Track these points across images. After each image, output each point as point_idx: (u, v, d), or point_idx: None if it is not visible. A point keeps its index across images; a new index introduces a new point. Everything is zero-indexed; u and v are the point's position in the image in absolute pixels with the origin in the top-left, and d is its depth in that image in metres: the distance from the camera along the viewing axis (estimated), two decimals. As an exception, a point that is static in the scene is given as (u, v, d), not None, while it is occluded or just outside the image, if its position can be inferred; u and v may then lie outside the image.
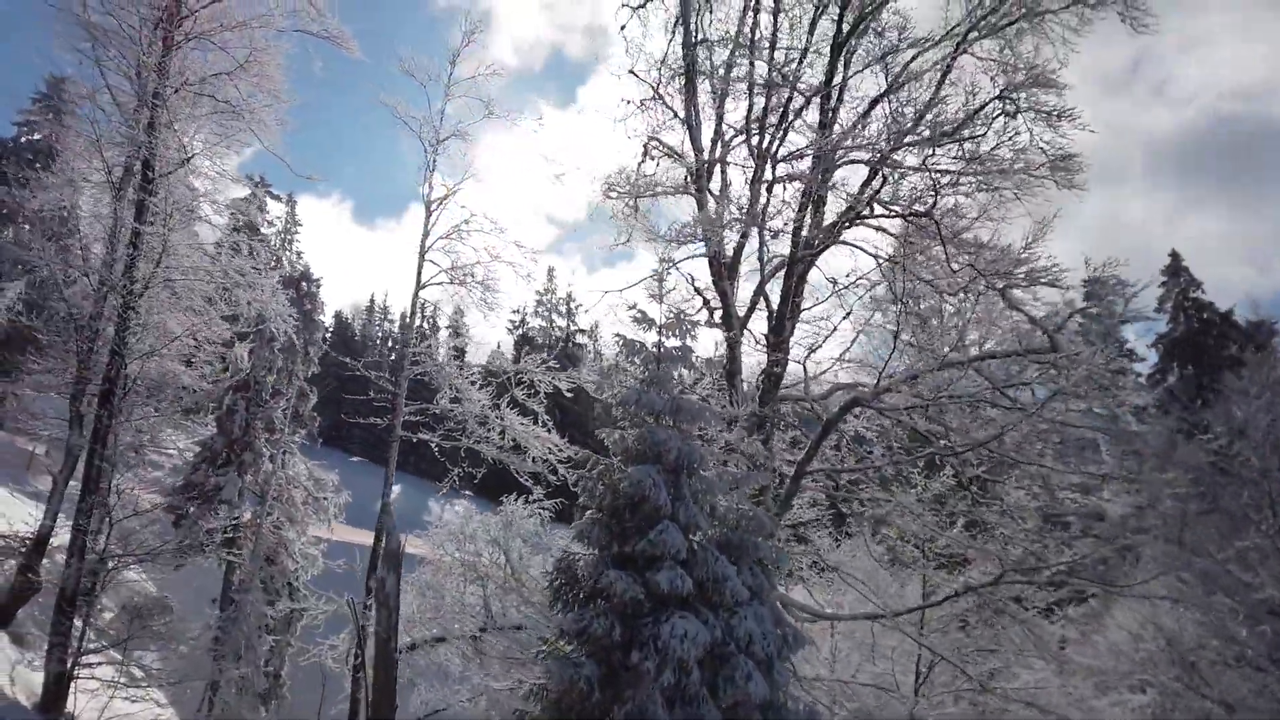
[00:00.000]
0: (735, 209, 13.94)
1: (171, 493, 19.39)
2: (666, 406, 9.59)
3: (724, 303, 13.41)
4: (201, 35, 17.18)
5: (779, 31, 13.61)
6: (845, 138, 13.09)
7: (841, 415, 11.74)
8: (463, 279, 20.10)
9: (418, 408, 19.50)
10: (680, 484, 9.42)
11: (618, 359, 10.33)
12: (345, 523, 25.42)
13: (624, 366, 10.23)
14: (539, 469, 19.13)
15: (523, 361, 19.68)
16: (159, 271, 16.43)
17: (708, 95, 14.60)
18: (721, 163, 14.41)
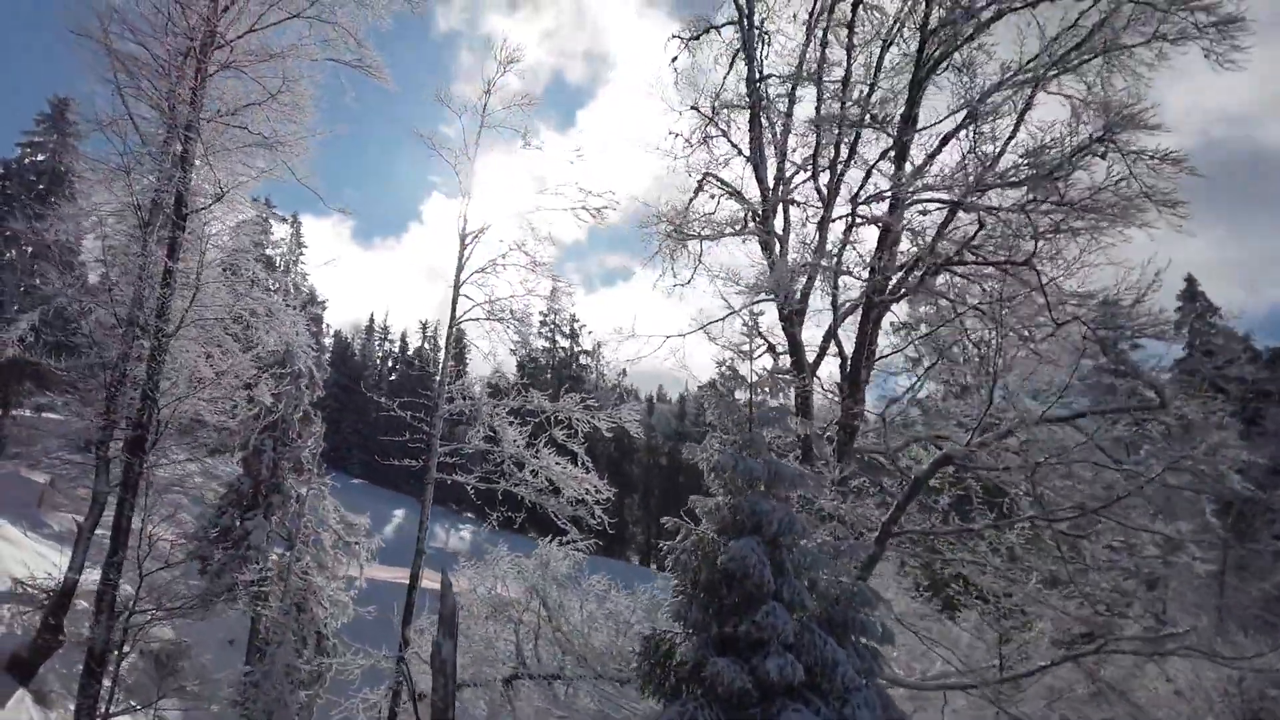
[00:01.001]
0: (802, 251, 13.37)
1: (198, 537, 18.64)
2: (765, 473, 8.93)
3: (794, 349, 12.80)
4: (235, 65, 16.57)
5: (852, 66, 13.01)
6: (918, 175, 12.57)
7: (933, 473, 11.10)
8: (500, 315, 19.49)
9: (452, 448, 18.82)
10: (782, 557, 8.75)
11: (711, 417, 9.63)
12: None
13: (719, 425, 9.52)
14: (580, 512, 18.46)
15: (561, 400, 18.99)
16: (191, 311, 15.74)
17: (768, 131, 14.02)
18: (785, 202, 13.82)
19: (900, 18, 13.39)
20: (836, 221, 13.69)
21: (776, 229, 13.60)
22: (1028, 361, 11.61)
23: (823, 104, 13.56)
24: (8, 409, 53.25)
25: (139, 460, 14.88)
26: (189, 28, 16.49)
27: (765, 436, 9.39)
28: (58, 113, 55.23)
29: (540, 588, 18.94)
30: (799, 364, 12.74)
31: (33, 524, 24.06)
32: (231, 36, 16.39)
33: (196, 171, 16.25)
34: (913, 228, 12.10)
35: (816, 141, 13.47)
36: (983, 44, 12.25)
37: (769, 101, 13.85)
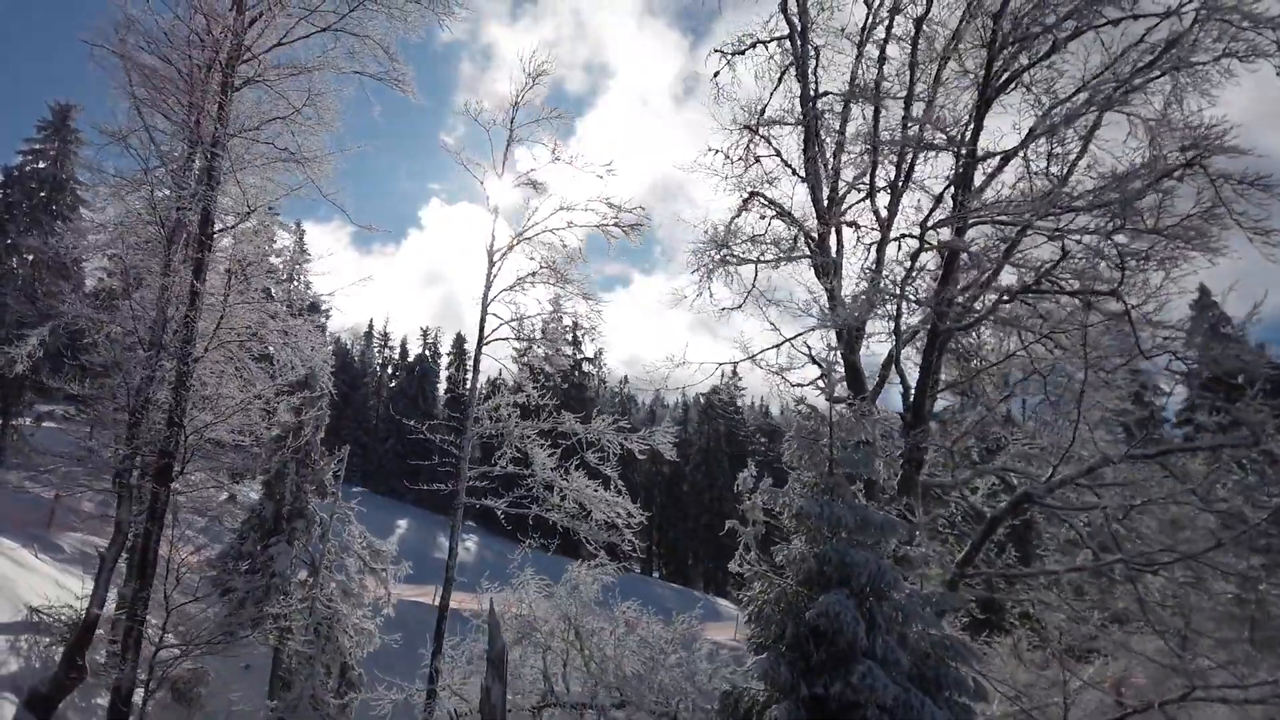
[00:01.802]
0: (858, 275, 12.90)
1: (220, 565, 18.08)
2: (852, 519, 8.42)
3: (853, 377, 12.30)
4: (261, 80, 16.05)
5: (915, 84, 12.51)
6: (976, 196, 12.11)
7: (1010, 512, 10.61)
8: (530, 335, 19.03)
9: (480, 471, 18.28)
10: (873, 611, 8.24)
11: (790, 458, 9.10)
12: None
13: (800, 468, 8.99)
14: (615, 539, 17.95)
15: (594, 422, 18.46)
16: (219, 334, 15.22)
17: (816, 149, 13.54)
18: (839, 225, 13.34)
19: (959, 34, 12.93)
20: (894, 244, 13.22)
21: (830, 251, 13.09)
22: (1109, 394, 11.15)
23: (880, 123, 13.07)
24: (8, 419, 52.60)
25: (165, 489, 14.35)
26: (213, 41, 15.98)
27: (848, 483, 8.88)
28: (60, 119, 54.60)
29: (572, 614, 18.44)
30: (859, 392, 12.23)
31: (44, 546, 23.45)
32: (259, 50, 15.87)
33: (224, 189, 15.70)
34: (979, 252, 11.59)
35: (873, 161, 12.99)
36: (1053, 62, 11.78)
37: (824, 120, 13.37)
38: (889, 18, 12.94)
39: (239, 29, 15.63)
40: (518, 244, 19.09)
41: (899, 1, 12.75)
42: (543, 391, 19.02)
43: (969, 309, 11.75)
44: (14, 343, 40.78)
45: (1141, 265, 10.32)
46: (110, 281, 21.08)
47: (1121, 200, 9.45)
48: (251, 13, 16.07)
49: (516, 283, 19.24)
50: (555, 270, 18.77)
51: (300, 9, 15.81)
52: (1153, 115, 11.51)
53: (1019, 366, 12.17)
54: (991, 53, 11.67)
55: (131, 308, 15.94)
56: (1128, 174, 9.96)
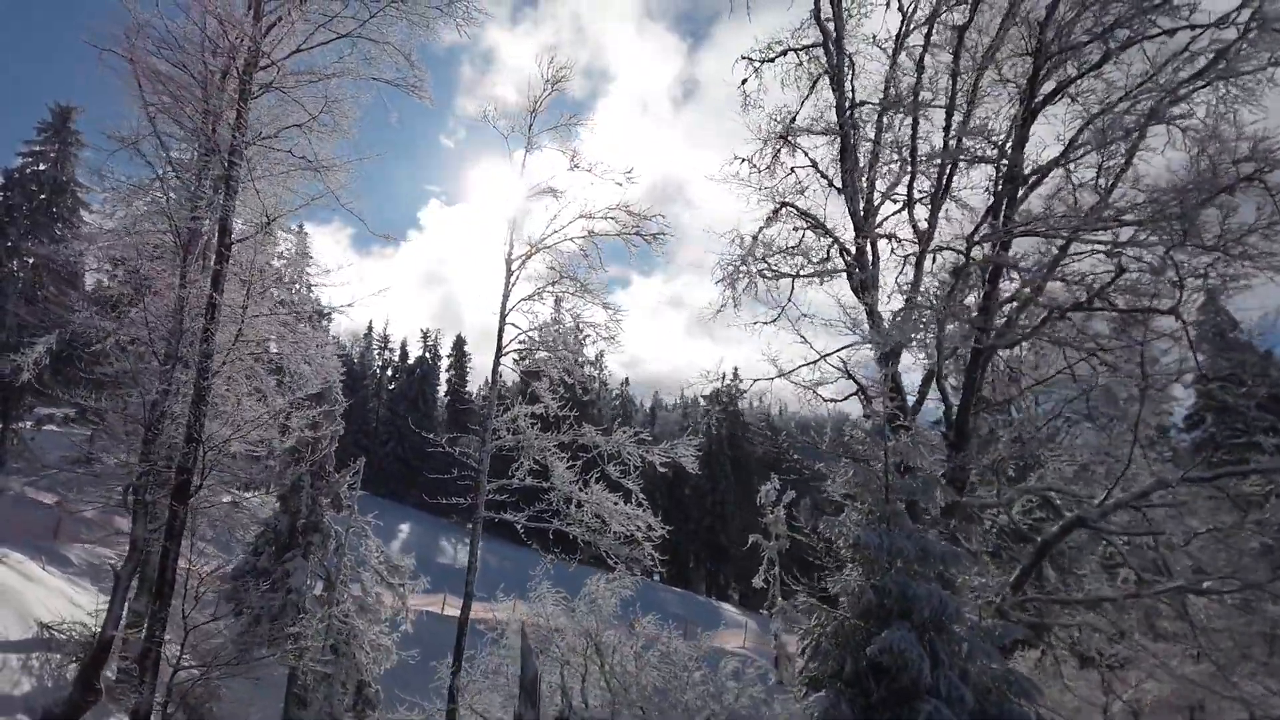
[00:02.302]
0: (895, 289, 12.61)
1: (235, 580, 17.73)
2: (913, 550, 8.12)
3: (894, 394, 11.98)
4: (279, 87, 15.69)
5: (957, 94, 12.21)
6: (1013, 208, 11.83)
7: (1063, 536, 10.31)
8: (550, 345, 18.72)
9: (499, 485, 17.95)
10: (935, 646, 7.95)
11: (843, 484, 8.81)
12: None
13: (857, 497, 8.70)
14: (637, 553, 17.64)
15: (615, 434, 18.13)
16: (237, 347, 14.88)
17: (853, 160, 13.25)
18: (874, 237, 13.04)
19: (997, 42, 12.64)
20: (930, 257, 12.93)
21: (868, 265, 12.79)
22: (1154, 412, 10.87)
23: (918, 133, 12.79)
24: (8, 423, 52.17)
25: (184, 507, 14.00)
26: (229, 46, 15.64)
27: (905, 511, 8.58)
28: (60, 121, 54.20)
29: (592, 629, 18.14)
30: (900, 410, 11.92)
31: (51, 558, 23.10)
32: (277, 57, 15.51)
33: (243, 199, 15.36)
34: (1028, 267, 11.31)
35: (911, 173, 12.70)
36: (1102, 72, 11.49)
37: (861, 130, 13.09)
38: (927, 25, 12.63)
39: (257, 35, 15.28)
40: (536, 253, 18.80)
41: (937, 9, 12.43)
42: (561, 403, 18.71)
43: (1013, 325, 11.45)
44: (19, 350, 40.47)
45: (1199, 281, 10.03)
46: (117, 288, 20.69)
47: (1183, 214, 9.16)
48: (269, 18, 15.75)
49: (536, 292, 18.97)
50: (575, 280, 18.49)
51: (320, 15, 15.47)
52: (1198, 126, 11.21)
53: (1062, 383, 11.88)
54: (1037, 62, 11.38)
55: (147, 319, 15.57)
56: (1185, 187, 9.66)
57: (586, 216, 18.60)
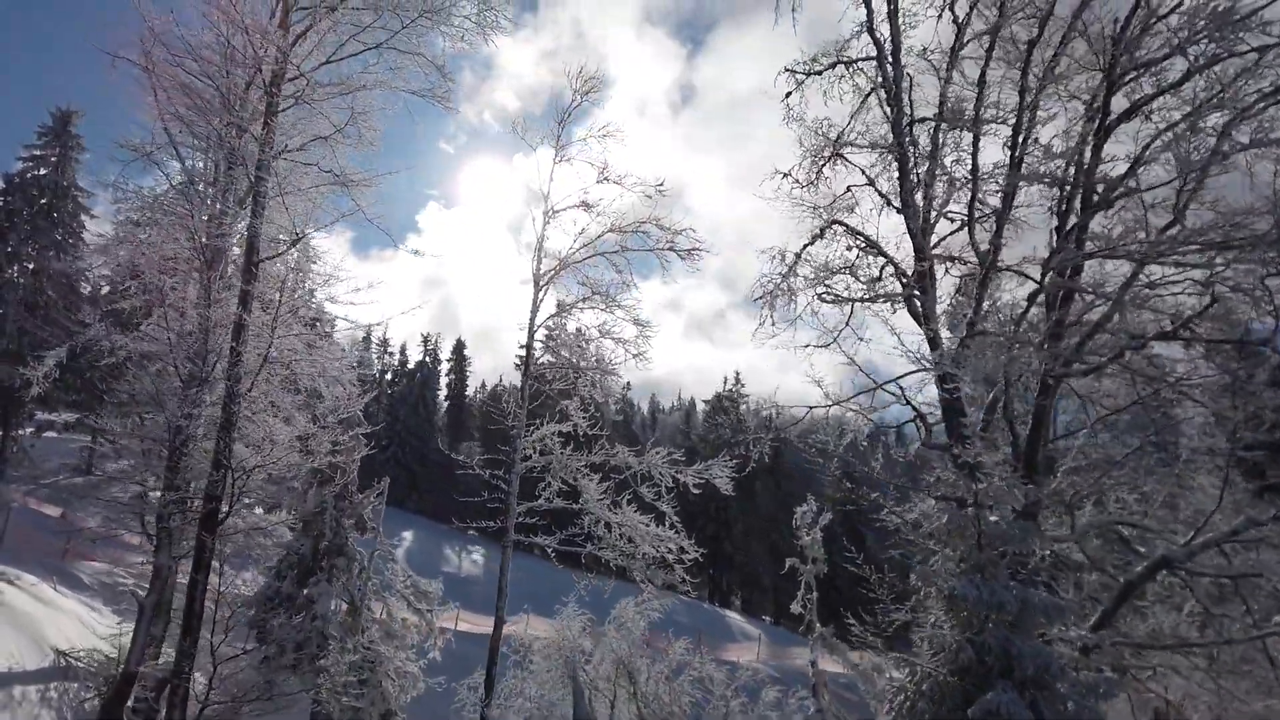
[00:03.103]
0: (955, 313, 12.15)
1: (258, 606, 17.20)
2: (1015, 605, 7.65)
3: (957, 426, 11.51)
4: (309, 99, 15.16)
5: (1024, 112, 11.75)
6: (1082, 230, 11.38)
7: (1149, 577, 9.85)
8: (578, 362, 18.24)
9: (528, 507, 17.46)
10: (1038, 705, 7.48)
11: (932, 532, 8.34)
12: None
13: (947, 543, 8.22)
14: (674, 580, 17.13)
15: (648, 455, 17.63)
16: (266, 370, 14.37)
17: (915, 179, 12.79)
18: (931, 259, 12.58)
19: (1058, 56, 12.19)
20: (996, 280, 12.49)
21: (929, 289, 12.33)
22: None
23: (977, 149, 12.33)
24: (9, 430, 51.51)
25: (213, 537, 13.49)
26: (255, 57, 15.14)
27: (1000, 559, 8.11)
28: (61, 125, 53.60)
29: (623, 654, 17.66)
30: (962, 442, 11.45)
31: (62, 578, 22.53)
32: (306, 68, 15.00)
33: (270, 216, 14.85)
34: (1095, 291, 10.87)
35: (973, 192, 12.25)
36: (1179, 90, 11.04)
37: (919, 147, 12.63)
38: (990, 39, 12.18)
39: (285, 46, 14.78)
40: (565, 268, 18.33)
41: (1000, 23, 11.99)
42: (591, 421, 18.23)
43: (1084, 352, 11.00)
44: (21, 357, 39.98)
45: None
46: (130, 301, 20.14)
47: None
48: (296, 29, 15.26)
49: (565, 308, 18.50)
50: (606, 295, 18.01)
51: (351, 26, 14.97)
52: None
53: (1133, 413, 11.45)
54: (1110, 79, 10.93)
55: (170, 338, 15.05)
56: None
57: (617, 231, 18.16)
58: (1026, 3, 12.22)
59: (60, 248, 53.64)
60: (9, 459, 51.31)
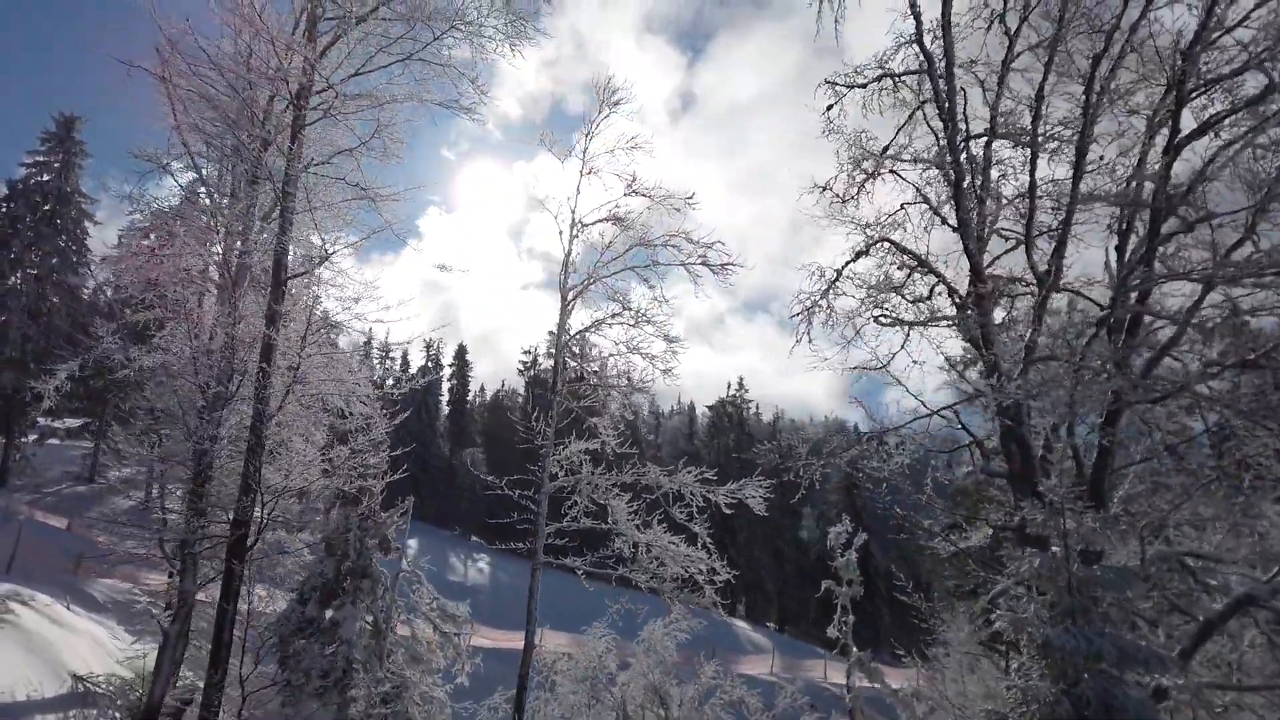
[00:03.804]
0: (1011, 333, 11.77)
1: (280, 630, 16.73)
2: (1114, 654, 7.25)
3: (1023, 452, 11.13)
4: (338, 112, 14.74)
5: (1089, 129, 11.34)
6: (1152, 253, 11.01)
7: (1231, 614, 9.45)
8: (608, 380, 17.84)
9: (556, 528, 17.04)
10: (1141, 762, 7.07)
11: (1014, 571, 7.93)
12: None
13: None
14: (706, 602, 16.71)
15: (680, 474, 17.19)
16: (296, 390, 13.97)
17: (973, 198, 12.40)
18: (989, 280, 12.18)
19: (1116, 68, 11.82)
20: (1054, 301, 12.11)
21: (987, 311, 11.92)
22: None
23: (1034, 166, 11.94)
24: (11, 437, 51.03)
25: (241, 564, 13.08)
26: (280, 69, 14.73)
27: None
28: (64, 130, 53.23)
29: (653, 679, 17.24)
30: (1028, 470, 11.08)
31: (75, 596, 22.09)
32: (335, 80, 14.60)
33: (297, 232, 14.45)
34: (1169, 317, 10.49)
35: (1030, 210, 11.85)
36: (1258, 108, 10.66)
37: (977, 163, 12.24)
38: (1048, 53, 11.79)
39: (312, 58, 14.38)
40: (594, 283, 17.94)
41: (1059, 35, 11.60)
42: (621, 439, 17.80)
43: (1152, 378, 10.61)
44: (27, 366, 39.23)
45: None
46: (145, 314, 19.72)
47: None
48: (323, 40, 14.87)
49: (594, 324, 18.08)
50: (635, 311, 17.59)
51: (380, 37, 14.58)
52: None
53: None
54: (1181, 94, 10.55)
55: (192, 356, 14.63)
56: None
57: (645, 244, 17.78)
58: (1086, 13, 11.83)
59: (63, 254, 53.27)
60: (11, 468, 50.87)
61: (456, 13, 14.40)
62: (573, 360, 18.53)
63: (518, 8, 15.49)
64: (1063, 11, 11.49)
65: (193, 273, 18.92)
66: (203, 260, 16.68)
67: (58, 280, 52.66)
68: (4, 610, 17.10)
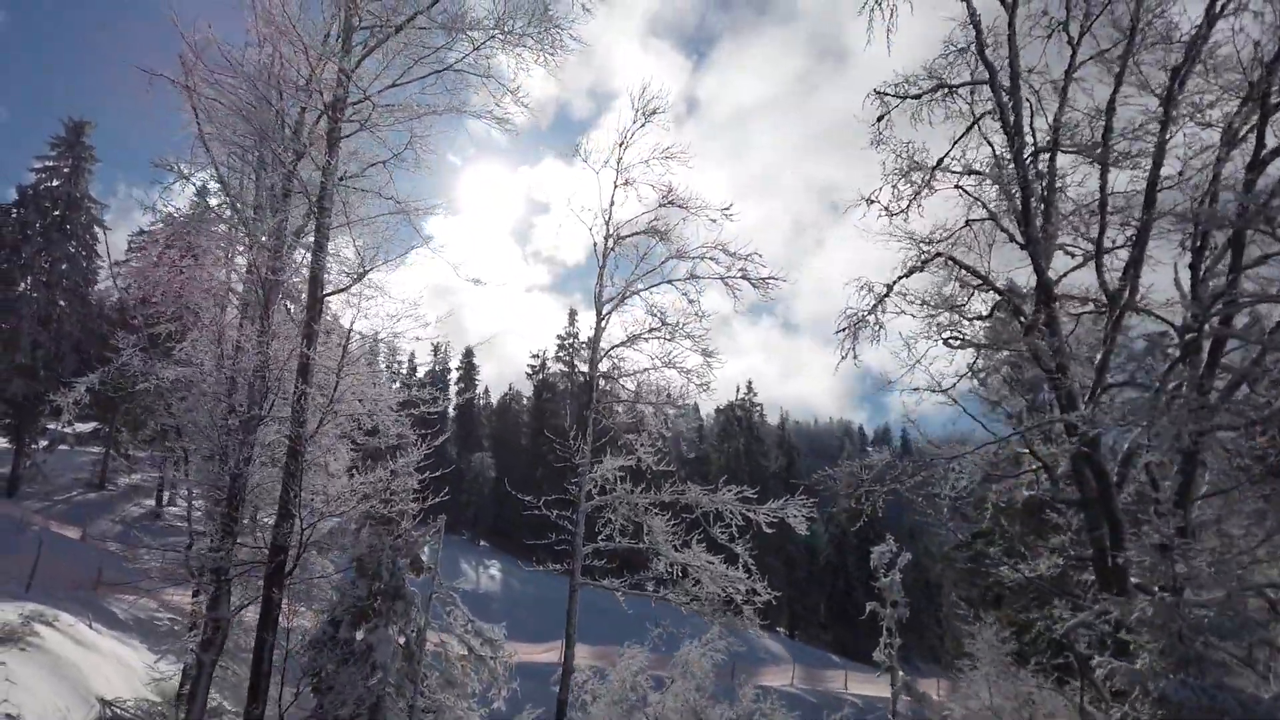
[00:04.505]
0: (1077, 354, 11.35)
1: (312, 650, 16.34)
2: (1239, 711, 6.82)
3: (1099, 480, 10.70)
4: (372, 125, 14.31)
5: (1167, 142, 10.93)
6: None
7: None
8: (649, 399, 17.42)
9: (593, 548, 16.63)
10: (1268, 826, 6.65)
11: (1139, 626, 7.50)
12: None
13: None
14: (744, 624, 16.26)
15: (720, 492, 16.74)
16: (332, 411, 13.55)
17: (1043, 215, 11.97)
18: (1060, 299, 11.76)
19: (1182, 78, 11.41)
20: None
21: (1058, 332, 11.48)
22: None
23: (1106, 179, 11.53)
24: (21, 446, 50.67)
25: (279, 592, 12.69)
26: (311, 78, 14.31)
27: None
28: (73, 135, 52.89)
29: (700, 709, 16.86)
30: (1104, 497, 10.65)
31: (96, 613, 21.70)
32: (372, 92, 14.17)
33: (332, 248, 14.03)
34: (1259, 340, 10.08)
35: (1101, 226, 11.44)
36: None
37: (1050, 178, 11.80)
38: (1120, 65, 11.38)
39: (348, 68, 13.97)
40: (630, 296, 17.53)
41: (1131, 48, 11.20)
42: (659, 457, 17.38)
43: (1233, 404, 10.20)
44: (38, 373, 38.81)
45: None
46: (165, 326, 19.34)
47: None
48: (358, 51, 14.44)
49: (630, 339, 17.66)
50: (673, 325, 17.17)
51: (420, 47, 14.15)
52: None
53: None
54: (1265, 109, 10.14)
55: (232, 378, 14.22)
56: None
57: (681, 256, 17.37)
58: (1154, 22, 11.42)
59: (73, 260, 52.95)
60: (22, 475, 50.53)
61: (497, 22, 13.95)
62: (606, 376, 18.09)
63: (554, 15, 15.06)
64: (1135, 22, 11.07)
65: (215, 284, 18.57)
66: (225, 271, 16.33)
67: (68, 286, 52.34)
68: (29, 633, 16.71)
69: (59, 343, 50.31)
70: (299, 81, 14.68)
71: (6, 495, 46.42)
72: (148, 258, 17.14)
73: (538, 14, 14.23)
